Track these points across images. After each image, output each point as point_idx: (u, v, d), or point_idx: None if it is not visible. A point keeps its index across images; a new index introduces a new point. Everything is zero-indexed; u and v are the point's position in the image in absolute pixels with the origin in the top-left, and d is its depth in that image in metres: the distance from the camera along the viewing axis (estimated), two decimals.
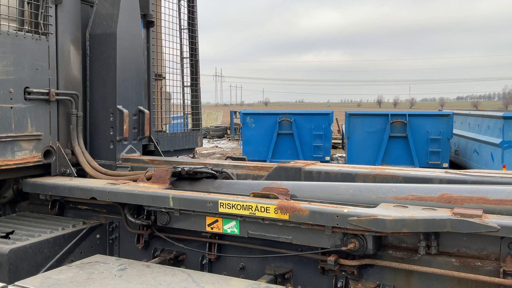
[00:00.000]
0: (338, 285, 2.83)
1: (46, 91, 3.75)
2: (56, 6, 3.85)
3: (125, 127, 4.11)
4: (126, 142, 4.21)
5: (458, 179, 3.03)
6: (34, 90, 3.65)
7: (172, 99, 5.57)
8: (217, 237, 3.20)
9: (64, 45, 3.94)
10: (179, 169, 3.47)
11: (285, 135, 14.95)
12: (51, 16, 3.79)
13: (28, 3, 3.71)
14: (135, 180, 3.56)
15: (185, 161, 4.21)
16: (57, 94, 3.83)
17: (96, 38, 4.16)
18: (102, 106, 4.15)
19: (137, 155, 4.30)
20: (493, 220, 2.32)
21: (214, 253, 3.22)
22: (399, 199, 2.76)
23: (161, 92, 5.29)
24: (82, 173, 3.96)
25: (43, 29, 3.74)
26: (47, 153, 3.82)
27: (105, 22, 4.12)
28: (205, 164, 3.80)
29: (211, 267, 3.29)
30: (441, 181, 3.07)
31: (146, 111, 4.40)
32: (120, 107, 4.10)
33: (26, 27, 3.68)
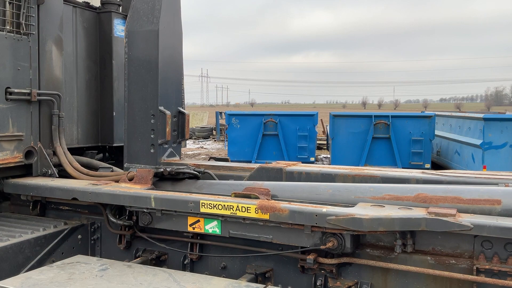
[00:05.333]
0: (317, 283, 2.88)
1: (28, 91, 3.73)
2: (38, 6, 3.84)
3: (167, 129, 3.84)
4: (166, 146, 3.94)
5: (434, 179, 3.11)
6: (16, 91, 3.63)
7: None
8: (198, 237, 3.23)
9: (46, 45, 3.93)
10: (161, 170, 3.50)
11: (270, 136, 14.99)
12: (33, 16, 3.78)
13: (9, 3, 3.69)
14: (117, 181, 3.56)
15: (233, 166, 3.97)
16: (38, 95, 3.82)
17: (135, 35, 3.84)
18: (141, 107, 3.84)
19: (177, 159, 4.06)
20: (466, 219, 2.39)
21: (196, 253, 3.25)
22: (376, 198, 2.83)
23: None
24: (64, 174, 3.95)
25: (24, 29, 3.72)
26: (28, 154, 3.81)
27: (145, 18, 3.81)
28: (242, 168, 3.76)
29: (193, 266, 3.31)
30: (418, 181, 3.14)
31: (187, 112, 4.13)
32: (161, 108, 3.82)
33: (8, 27, 3.66)
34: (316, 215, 2.63)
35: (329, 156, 15.93)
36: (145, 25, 3.79)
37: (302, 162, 4.05)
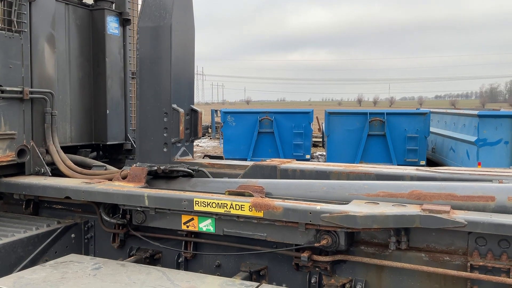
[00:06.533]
0: (312, 281, 2.87)
1: (20, 89, 3.70)
2: (30, 3, 3.81)
3: (181, 128, 3.75)
4: (179, 144, 3.85)
5: (428, 176, 3.11)
6: (7, 89, 3.60)
7: None
8: (192, 235, 3.21)
9: (38, 43, 3.90)
10: (155, 168, 3.48)
11: (266, 134, 14.96)
12: (24, 13, 3.75)
13: (1, 0, 3.66)
14: (110, 179, 3.54)
15: (228, 164, 3.93)
16: (31, 93, 3.78)
17: (147, 31, 3.73)
18: (154, 105, 3.74)
19: (190, 158, 3.99)
20: (460, 216, 2.39)
21: (190, 251, 3.23)
22: (370, 195, 2.82)
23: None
24: (57, 172, 3.93)
25: (16, 26, 3.69)
26: (21, 152, 3.78)
27: (158, 13, 3.70)
28: (236, 165, 3.71)
29: (187, 265, 3.30)
30: (412, 178, 3.14)
31: (199, 110, 4.06)
32: (175, 106, 3.71)
33: None
34: (310, 213, 2.62)
35: (324, 153, 15.94)
36: (157, 21, 3.68)
37: (298, 160, 4.04)
